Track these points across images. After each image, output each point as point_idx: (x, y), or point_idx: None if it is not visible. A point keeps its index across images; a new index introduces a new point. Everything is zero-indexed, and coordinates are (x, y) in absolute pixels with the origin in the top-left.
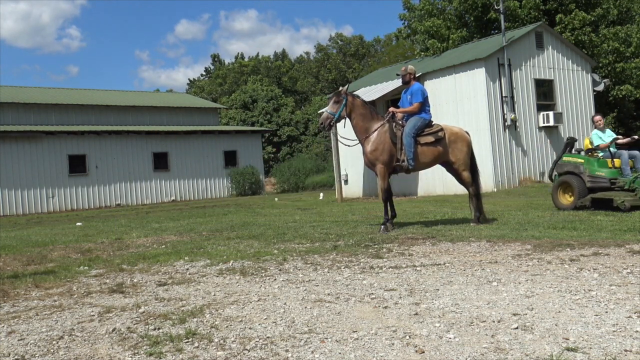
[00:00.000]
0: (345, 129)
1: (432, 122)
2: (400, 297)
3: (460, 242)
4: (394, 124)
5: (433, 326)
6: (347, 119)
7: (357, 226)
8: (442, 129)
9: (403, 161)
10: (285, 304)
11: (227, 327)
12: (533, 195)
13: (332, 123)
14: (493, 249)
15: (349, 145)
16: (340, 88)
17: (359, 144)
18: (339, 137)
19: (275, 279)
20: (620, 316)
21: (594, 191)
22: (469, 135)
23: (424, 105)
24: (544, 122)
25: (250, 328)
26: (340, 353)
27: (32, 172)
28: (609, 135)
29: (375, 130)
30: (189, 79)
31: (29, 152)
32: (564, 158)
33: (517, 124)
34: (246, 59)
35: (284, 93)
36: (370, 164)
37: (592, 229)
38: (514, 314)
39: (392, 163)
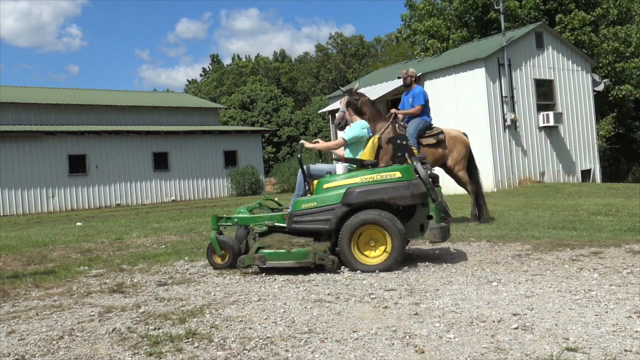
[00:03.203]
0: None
1: (432, 125)
2: (400, 297)
3: (460, 242)
4: (396, 125)
5: (433, 326)
6: None
7: None
8: (442, 132)
9: None
10: (285, 304)
11: (227, 327)
12: (533, 195)
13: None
14: (493, 249)
15: None
16: (351, 87)
17: None
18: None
19: (275, 279)
20: (620, 316)
21: None
22: (467, 137)
23: (425, 108)
24: (544, 122)
25: (250, 328)
26: (340, 353)
27: (32, 172)
28: None
29: (381, 130)
30: (187, 80)
31: (29, 152)
32: None
33: (517, 124)
34: (244, 60)
35: (283, 93)
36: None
37: (592, 229)
38: (514, 314)
39: (395, 163)
